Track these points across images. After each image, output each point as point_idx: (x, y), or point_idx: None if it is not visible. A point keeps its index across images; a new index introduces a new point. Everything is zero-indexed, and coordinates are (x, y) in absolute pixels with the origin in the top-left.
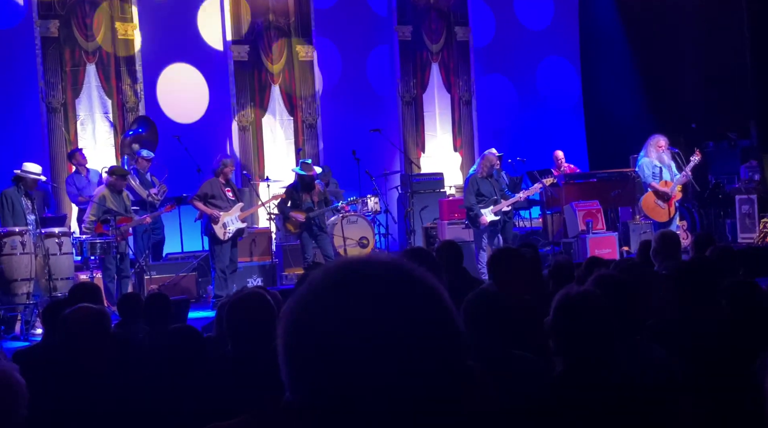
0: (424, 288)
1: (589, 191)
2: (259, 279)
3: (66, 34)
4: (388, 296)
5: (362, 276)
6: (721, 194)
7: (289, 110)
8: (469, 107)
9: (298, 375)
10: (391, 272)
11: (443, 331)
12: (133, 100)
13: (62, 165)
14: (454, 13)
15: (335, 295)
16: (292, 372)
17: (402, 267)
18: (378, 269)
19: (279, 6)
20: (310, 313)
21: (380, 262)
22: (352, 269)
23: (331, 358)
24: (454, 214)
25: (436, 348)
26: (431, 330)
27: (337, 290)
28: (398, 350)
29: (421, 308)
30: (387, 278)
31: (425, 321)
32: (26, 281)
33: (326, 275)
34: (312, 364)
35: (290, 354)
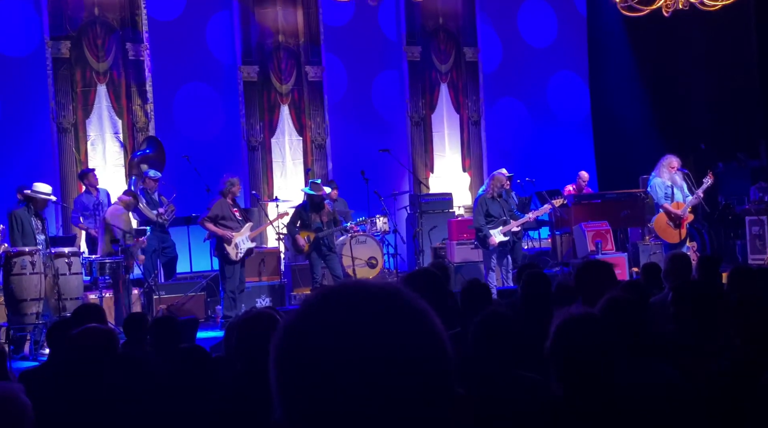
0: (415, 314)
1: (598, 212)
2: (268, 299)
3: (77, 55)
4: (377, 322)
5: (352, 301)
6: (731, 215)
7: (298, 130)
8: (477, 128)
9: (286, 396)
10: (381, 297)
11: (431, 358)
12: (143, 120)
13: (73, 185)
14: (463, 33)
15: (324, 318)
16: (280, 393)
17: (393, 293)
18: (368, 295)
19: (288, 26)
20: (298, 336)
21: (372, 287)
22: (342, 294)
23: (317, 381)
24: (463, 234)
25: (422, 374)
26: (419, 357)
27: (326, 313)
28: (384, 375)
29: (410, 335)
30: (377, 304)
31: (413, 347)
32: (36, 300)
33: (317, 298)
34: (298, 386)
35: (279, 375)
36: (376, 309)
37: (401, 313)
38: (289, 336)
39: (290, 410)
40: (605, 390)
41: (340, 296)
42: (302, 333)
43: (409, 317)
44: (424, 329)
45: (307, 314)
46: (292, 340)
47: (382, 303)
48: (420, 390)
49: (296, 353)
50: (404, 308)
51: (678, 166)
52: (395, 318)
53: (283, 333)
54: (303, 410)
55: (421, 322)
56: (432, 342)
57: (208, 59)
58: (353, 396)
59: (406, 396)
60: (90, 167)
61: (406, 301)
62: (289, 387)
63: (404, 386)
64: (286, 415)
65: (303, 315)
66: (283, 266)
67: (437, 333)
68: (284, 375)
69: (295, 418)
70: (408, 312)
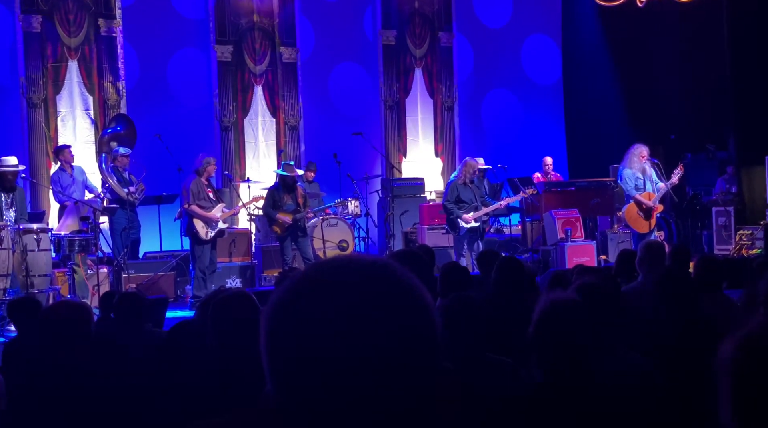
0: (404, 289)
1: (568, 200)
2: (238, 280)
3: (48, 30)
4: (366, 297)
5: (342, 276)
6: (699, 205)
7: (271, 111)
8: (451, 113)
9: (276, 369)
10: (371, 272)
11: (420, 334)
12: (114, 97)
13: (42, 161)
14: (438, 18)
15: (313, 295)
16: (270, 365)
17: (383, 267)
18: (358, 270)
19: (263, 7)
20: (288, 312)
21: (362, 262)
22: (332, 269)
23: (306, 354)
24: (435, 219)
25: (411, 347)
26: (408, 329)
27: (316, 289)
28: (373, 352)
29: (399, 310)
30: (367, 279)
31: (402, 319)
32: (3, 276)
33: (307, 274)
34: (288, 359)
35: (269, 348)
36: (366, 282)
37: (391, 286)
38: (280, 308)
39: (280, 383)
40: (585, 377)
41: (331, 269)
42: (293, 305)
43: (398, 291)
44: (413, 302)
45: (299, 287)
46: (283, 313)
47: (372, 277)
48: (408, 362)
49: (286, 326)
50: (394, 282)
51: (647, 155)
52: (385, 291)
53: (274, 306)
54: (292, 382)
55: (410, 295)
56: (421, 315)
57: (182, 37)
58: (342, 368)
59: (394, 368)
60: (61, 143)
61: (396, 275)
62: (278, 360)
63: (393, 358)
64: (276, 388)
65: (294, 289)
66: (254, 247)
67: (426, 307)
68: (274, 347)
69: (285, 391)
70: (398, 286)
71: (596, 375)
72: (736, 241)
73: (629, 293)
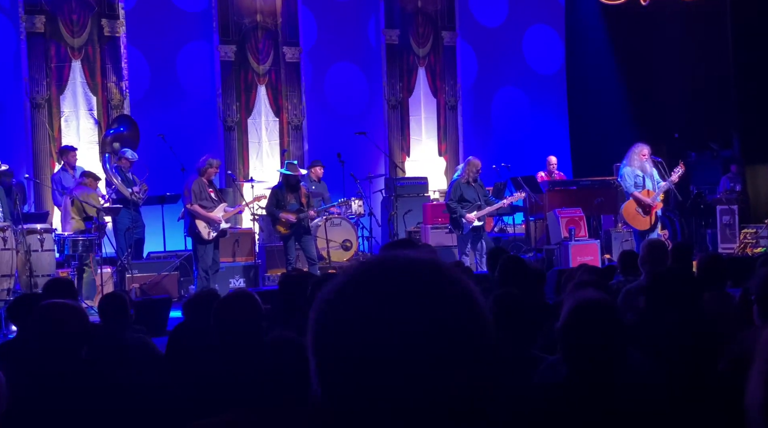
0: (459, 291)
1: (572, 199)
2: (242, 280)
3: (52, 30)
4: (419, 296)
5: (393, 275)
6: (703, 204)
7: (274, 111)
8: (454, 112)
9: (324, 371)
10: (426, 273)
11: (473, 336)
12: (118, 97)
13: (45, 161)
14: (441, 18)
15: (365, 292)
16: (318, 367)
17: (439, 269)
18: (410, 269)
19: (267, 7)
20: (339, 309)
21: (417, 262)
22: (383, 268)
23: (357, 356)
24: (438, 218)
25: (464, 353)
26: (462, 336)
27: (368, 287)
28: (425, 350)
29: (454, 313)
30: (417, 277)
31: (456, 325)
32: (7, 277)
33: (358, 272)
34: (337, 360)
35: (317, 353)
36: (417, 283)
37: (442, 284)
38: (330, 309)
39: (329, 383)
40: (608, 375)
41: (381, 269)
42: (343, 306)
43: (451, 292)
44: (464, 300)
45: (348, 287)
46: (333, 313)
47: (424, 277)
48: (463, 370)
49: (336, 326)
50: (446, 283)
51: (649, 154)
52: (437, 293)
53: (322, 306)
54: (342, 382)
55: (461, 293)
56: (472, 312)
57: (186, 32)
58: (392, 367)
59: (445, 366)
60: (64, 143)
61: (448, 275)
62: (327, 362)
63: (444, 356)
64: (324, 390)
65: (344, 289)
66: (258, 246)
67: (477, 305)
68: (323, 348)
69: (334, 391)
70: (449, 284)
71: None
72: (741, 239)
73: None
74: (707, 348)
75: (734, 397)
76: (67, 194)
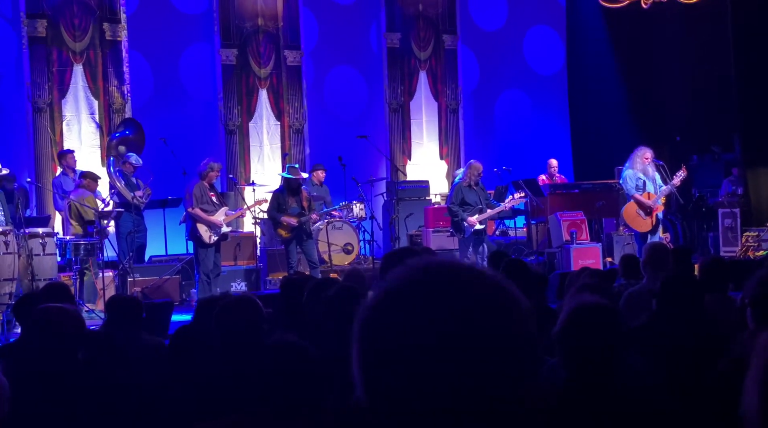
0: (502, 294)
1: (573, 202)
2: (243, 284)
3: (53, 35)
4: (466, 300)
5: (440, 282)
6: (704, 207)
7: (276, 114)
8: (456, 116)
9: (370, 375)
10: (469, 276)
11: (518, 338)
12: (119, 101)
13: (47, 165)
14: (443, 21)
15: (412, 299)
16: (363, 372)
17: (480, 272)
18: (456, 276)
19: (268, 10)
20: (386, 317)
21: (464, 268)
22: (436, 273)
23: (404, 361)
24: (440, 222)
25: (510, 359)
26: (509, 342)
27: (415, 293)
28: (473, 355)
29: (498, 314)
30: (466, 283)
31: (503, 332)
32: (9, 281)
33: (404, 278)
34: (383, 366)
35: (364, 358)
36: (465, 287)
37: (490, 291)
38: (378, 314)
39: (373, 389)
40: (606, 379)
41: (427, 276)
42: (390, 312)
43: (497, 295)
44: (511, 306)
45: (395, 293)
46: (381, 318)
47: (471, 280)
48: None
49: (384, 332)
50: (493, 286)
51: (651, 157)
52: (484, 295)
53: (369, 312)
54: (387, 389)
55: (508, 300)
56: (519, 319)
57: (187, 40)
58: (440, 371)
59: (494, 371)
60: (66, 147)
61: (494, 279)
62: (373, 367)
63: (495, 369)
64: (369, 394)
65: (391, 295)
66: (259, 250)
67: (524, 312)
68: (370, 354)
69: (379, 398)
70: (496, 290)
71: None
72: (743, 243)
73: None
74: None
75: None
76: (66, 198)
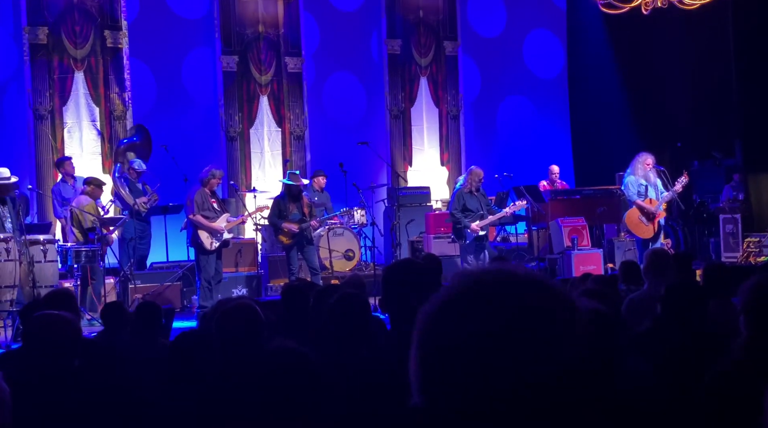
0: (560, 301)
1: (574, 208)
2: (245, 290)
3: (54, 42)
4: (526, 308)
5: (501, 289)
6: (706, 213)
7: (277, 121)
8: (456, 122)
9: (432, 381)
10: (528, 283)
11: (575, 344)
12: (120, 108)
13: (48, 172)
14: (443, 27)
15: (473, 306)
16: (425, 378)
17: (539, 280)
18: (517, 284)
19: (269, 17)
20: (451, 318)
21: (520, 276)
22: (496, 280)
23: (468, 368)
24: (441, 228)
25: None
26: (567, 348)
27: (476, 301)
28: (534, 360)
29: (560, 326)
30: (526, 290)
31: (562, 337)
32: (10, 288)
33: (465, 285)
34: (448, 369)
35: (425, 360)
36: (525, 294)
37: (548, 298)
38: (441, 321)
39: (436, 394)
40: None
41: (488, 284)
42: (453, 319)
43: (555, 302)
44: (570, 314)
45: (456, 300)
46: (443, 325)
47: (531, 288)
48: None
49: (450, 338)
50: (551, 293)
51: (653, 163)
52: (543, 302)
53: (432, 319)
54: (451, 394)
55: (566, 307)
56: (576, 326)
57: (188, 46)
58: (502, 376)
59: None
60: (66, 154)
61: (552, 286)
62: (437, 372)
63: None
64: (430, 400)
65: (453, 301)
66: (260, 257)
67: (581, 318)
68: (433, 360)
69: (442, 403)
70: (554, 297)
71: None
72: (744, 248)
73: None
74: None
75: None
76: (68, 206)
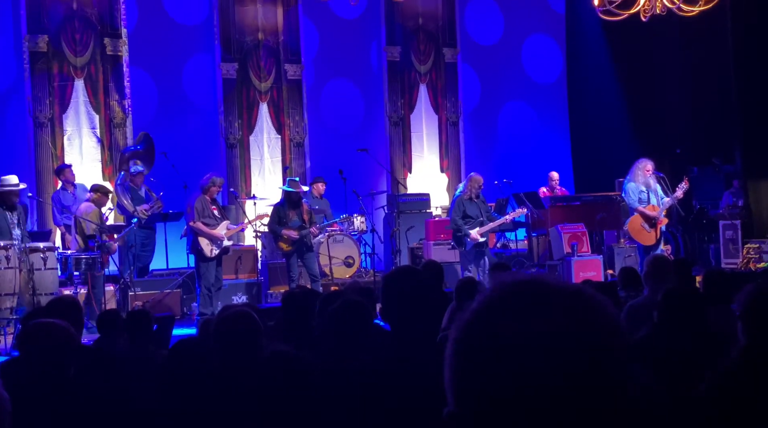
0: (599, 311)
1: (574, 214)
2: (245, 297)
3: (54, 50)
4: (563, 321)
5: (537, 299)
6: (705, 219)
7: (276, 128)
8: (456, 128)
9: (467, 389)
10: (567, 293)
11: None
12: (120, 116)
13: (48, 180)
14: (443, 34)
15: (509, 316)
16: (460, 386)
17: (578, 290)
18: (552, 293)
19: (268, 24)
20: (484, 332)
21: (554, 285)
22: (526, 292)
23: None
24: (440, 234)
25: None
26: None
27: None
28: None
29: (596, 335)
30: (564, 300)
31: (599, 346)
32: (10, 295)
33: (499, 296)
34: (484, 379)
35: (460, 369)
36: (561, 308)
37: (587, 308)
38: (476, 331)
39: (471, 403)
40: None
41: (523, 293)
42: (488, 328)
43: (595, 312)
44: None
45: (491, 310)
46: (479, 336)
47: (567, 303)
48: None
49: (483, 348)
50: (590, 303)
51: (652, 169)
52: (583, 313)
53: (467, 329)
54: (487, 403)
55: (606, 317)
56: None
57: (188, 52)
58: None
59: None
60: (66, 162)
61: (591, 296)
62: (473, 381)
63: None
64: (466, 409)
65: (487, 311)
66: (260, 264)
67: (620, 328)
68: (468, 368)
69: (478, 412)
70: (593, 307)
71: None
72: (744, 254)
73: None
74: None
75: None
76: (71, 213)
